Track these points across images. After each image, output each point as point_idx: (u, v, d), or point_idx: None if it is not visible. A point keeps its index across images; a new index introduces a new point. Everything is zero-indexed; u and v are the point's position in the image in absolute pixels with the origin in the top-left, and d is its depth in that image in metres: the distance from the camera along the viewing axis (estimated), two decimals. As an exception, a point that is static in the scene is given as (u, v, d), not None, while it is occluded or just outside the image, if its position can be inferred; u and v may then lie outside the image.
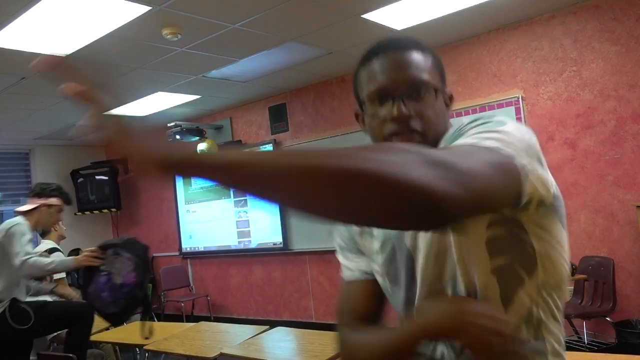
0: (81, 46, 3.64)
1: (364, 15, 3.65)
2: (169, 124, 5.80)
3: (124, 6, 3.07)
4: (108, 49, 3.75)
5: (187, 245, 6.85)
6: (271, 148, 5.86)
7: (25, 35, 3.35)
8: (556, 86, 4.11)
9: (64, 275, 4.53)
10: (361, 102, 0.96)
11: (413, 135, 0.89)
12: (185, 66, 4.40)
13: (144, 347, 3.08)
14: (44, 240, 4.62)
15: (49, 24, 3.24)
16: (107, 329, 3.66)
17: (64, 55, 3.71)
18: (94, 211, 7.30)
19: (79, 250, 6.29)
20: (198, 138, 5.97)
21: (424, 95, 0.90)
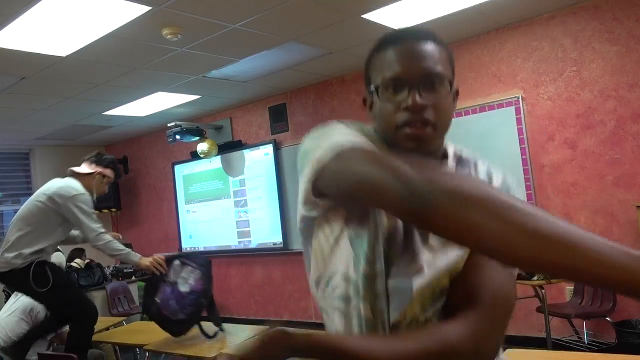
0: (81, 46, 3.64)
1: (364, 15, 3.65)
2: (169, 124, 5.80)
3: (124, 6, 3.08)
4: (108, 49, 3.75)
5: (187, 245, 6.85)
6: (271, 148, 5.87)
7: (25, 35, 3.35)
8: (556, 86, 4.11)
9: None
10: (371, 88, 0.97)
11: (426, 128, 0.90)
12: (185, 66, 4.40)
13: (144, 347, 3.08)
14: (44, 240, 4.60)
15: (49, 24, 3.24)
16: (107, 329, 3.66)
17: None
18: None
19: (82, 250, 6.27)
20: (198, 138, 5.97)
21: (438, 87, 0.91)
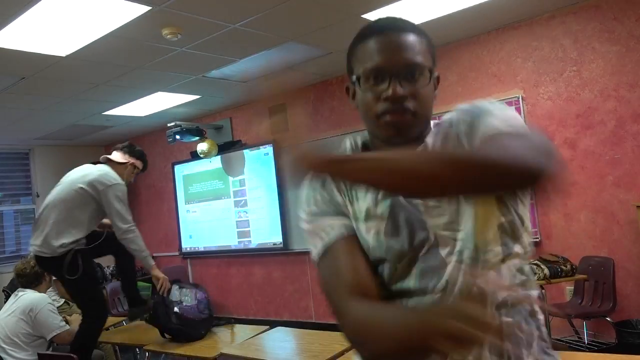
0: (81, 46, 3.64)
1: (364, 15, 3.65)
2: (169, 124, 5.80)
3: (124, 6, 3.07)
4: (108, 49, 3.75)
5: (187, 245, 6.86)
6: (271, 148, 5.86)
7: (25, 35, 3.35)
8: (556, 86, 4.11)
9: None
10: (353, 77, 0.99)
11: (406, 115, 0.93)
12: (185, 66, 4.40)
13: (144, 348, 3.09)
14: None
15: (49, 24, 3.24)
16: (107, 329, 3.66)
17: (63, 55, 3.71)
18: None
19: None
20: (198, 138, 5.97)
21: (418, 77, 0.93)
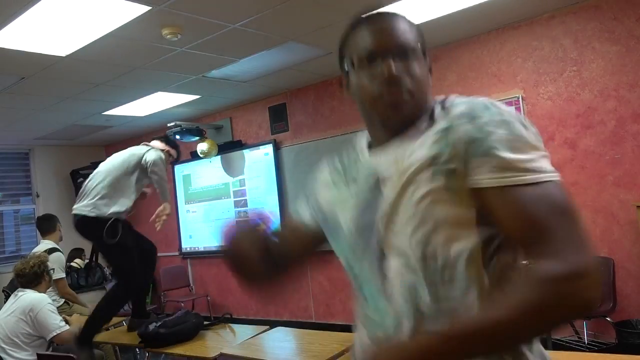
0: (81, 46, 3.64)
1: (365, 16, 3.65)
2: (169, 124, 5.80)
3: (124, 6, 3.07)
4: (108, 49, 3.75)
5: (187, 245, 6.86)
6: (271, 148, 5.87)
7: (25, 35, 3.35)
8: (556, 86, 4.11)
9: (64, 275, 4.53)
10: (346, 68, 1.03)
11: (403, 94, 0.92)
12: (185, 66, 4.40)
13: (144, 347, 3.08)
14: (43, 240, 4.62)
15: (49, 24, 3.23)
16: (107, 329, 3.66)
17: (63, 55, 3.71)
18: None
19: (82, 250, 6.29)
20: (198, 138, 5.97)
21: (411, 57, 0.95)
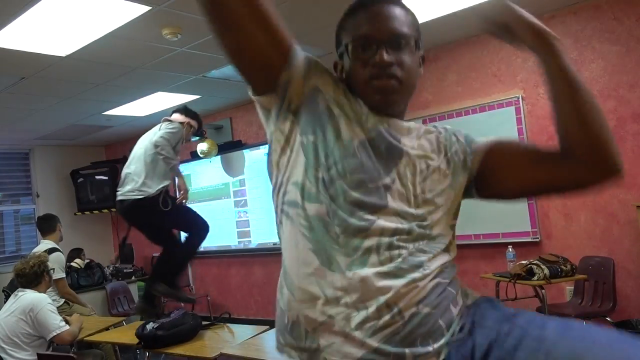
0: (81, 46, 3.64)
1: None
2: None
3: (124, 6, 3.07)
4: (108, 49, 3.75)
5: (187, 245, 6.84)
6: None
7: (25, 35, 3.35)
8: (556, 86, 4.10)
9: (64, 275, 4.53)
10: (341, 51, 1.07)
11: (391, 80, 0.98)
12: (185, 66, 4.40)
13: (143, 348, 3.08)
14: (44, 240, 4.63)
15: (49, 24, 3.24)
16: (107, 329, 3.66)
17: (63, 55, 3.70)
18: (94, 211, 7.30)
19: (81, 249, 6.31)
20: (198, 138, 5.95)
21: (403, 47, 1.00)
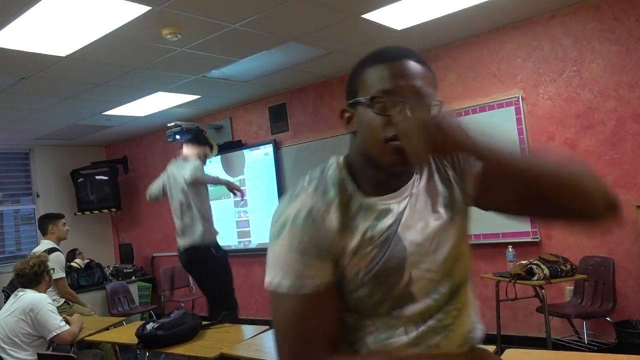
0: (81, 46, 3.64)
1: (364, 15, 3.65)
2: (169, 124, 5.80)
3: (124, 6, 3.07)
4: (108, 49, 3.75)
5: (187, 245, 6.84)
6: (271, 148, 5.87)
7: (25, 35, 3.35)
8: (556, 86, 4.11)
9: (64, 275, 4.54)
10: (360, 100, 0.95)
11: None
12: (185, 66, 4.40)
13: (143, 348, 3.08)
14: (43, 240, 4.63)
15: (49, 24, 3.23)
16: (107, 329, 3.66)
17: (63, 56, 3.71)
18: (94, 211, 7.31)
19: (75, 250, 6.32)
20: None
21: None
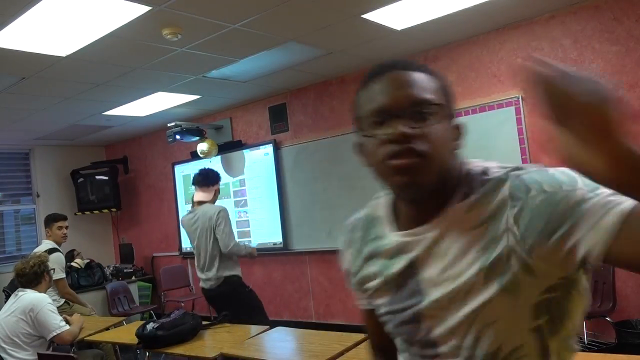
0: (81, 46, 3.64)
1: (364, 15, 3.65)
2: (169, 124, 5.80)
3: (124, 6, 3.07)
4: (108, 49, 3.75)
5: (187, 245, 6.83)
6: (271, 148, 5.87)
7: (25, 35, 3.35)
8: (556, 86, 4.10)
9: (64, 275, 4.54)
10: (358, 131, 0.89)
11: (414, 158, 0.81)
12: (185, 66, 4.40)
13: (143, 348, 3.08)
14: (44, 240, 4.64)
15: (49, 24, 3.24)
16: (107, 329, 3.66)
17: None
18: (94, 211, 7.31)
19: (73, 251, 6.34)
20: (198, 138, 5.97)
21: (427, 116, 0.82)
